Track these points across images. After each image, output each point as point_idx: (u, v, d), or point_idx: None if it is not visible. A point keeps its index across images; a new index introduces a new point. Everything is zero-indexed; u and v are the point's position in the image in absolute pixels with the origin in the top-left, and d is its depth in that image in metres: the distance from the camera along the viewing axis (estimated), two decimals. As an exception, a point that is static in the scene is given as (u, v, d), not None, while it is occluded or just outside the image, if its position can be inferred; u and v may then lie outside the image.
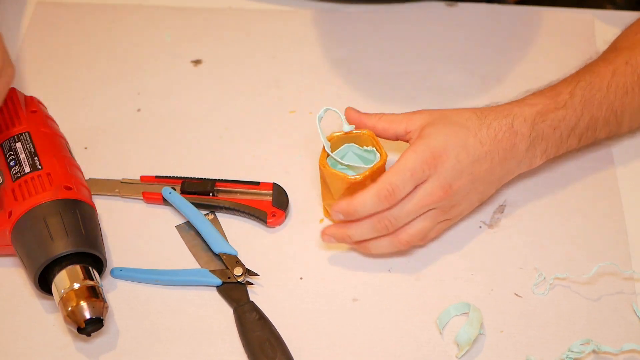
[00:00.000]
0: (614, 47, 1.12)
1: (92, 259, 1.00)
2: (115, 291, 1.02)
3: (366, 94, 1.21)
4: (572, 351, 0.96)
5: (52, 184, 1.02)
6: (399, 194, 0.98)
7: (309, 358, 0.97)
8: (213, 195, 1.09)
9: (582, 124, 1.06)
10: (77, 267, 0.98)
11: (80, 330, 0.96)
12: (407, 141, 1.03)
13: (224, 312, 1.01)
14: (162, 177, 1.10)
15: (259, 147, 1.15)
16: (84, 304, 0.96)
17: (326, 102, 1.00)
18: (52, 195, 1.01)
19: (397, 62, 1.24)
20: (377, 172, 1.00)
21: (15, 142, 1.06)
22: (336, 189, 1.02)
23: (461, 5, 1.30)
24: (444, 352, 0.97)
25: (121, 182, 1.10)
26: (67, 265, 0.98)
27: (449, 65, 1.24)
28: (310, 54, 1.25)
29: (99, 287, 0.98)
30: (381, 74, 1.23)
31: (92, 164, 1.13)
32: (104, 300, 0.97)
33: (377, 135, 1.04)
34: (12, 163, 1.04)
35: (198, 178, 1.10)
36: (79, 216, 1.01)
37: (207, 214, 1.08)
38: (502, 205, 1.09)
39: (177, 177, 1.10)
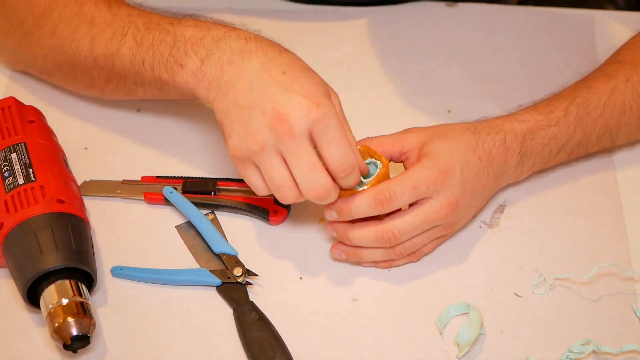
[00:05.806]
0: (617, 60, 1.09)
1: (81, 274, 0.98)
2: (115, 290, 1.02)
3: (365, 94, 1.21)
4: (572, 352, 0.96)
5: (45, 196, 1.00)
6: (396, 202, 0.97)
7: (309, 358, 0.97)
8: (215, 194, 1.09)
9: (573, 141, 1.05)
10: (66, 283, 0.96)
11: (66, 346, 0.94)
12: (402, 161, 1.02)
13: (224, 312, 1.01)
14: (163, 177, 1.10)
15: (259, 147, 1.15)
16: (70, 320, 0.94)
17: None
18: (44, 208, 0.99)
19: (396, 63, 1.24)
20: (383, 179, 1.00)
21: (11, 153, 1.04)
22: None
23: (461, 5, 1.30)
24: (444, 352, 0.97)
25: (122, 183, 1.10)
26: (56, 280, 0.96)
27: (449, 66, 1.24)
28: (309, 53, 1.24)
29: (87, 303, 0.96)
30: (380, 74, 1.23)
31: (92, 165, 1.12)
32: (91, 317, 0.95)
33: None
34: (6, 174, 1.03)
35: (199, 177, 1.10)
36: (71, 230, 0.99)
37: (208, 213, 1.08)
38: (502, 205, 1.09)
39: (178, 177, 1.10)
